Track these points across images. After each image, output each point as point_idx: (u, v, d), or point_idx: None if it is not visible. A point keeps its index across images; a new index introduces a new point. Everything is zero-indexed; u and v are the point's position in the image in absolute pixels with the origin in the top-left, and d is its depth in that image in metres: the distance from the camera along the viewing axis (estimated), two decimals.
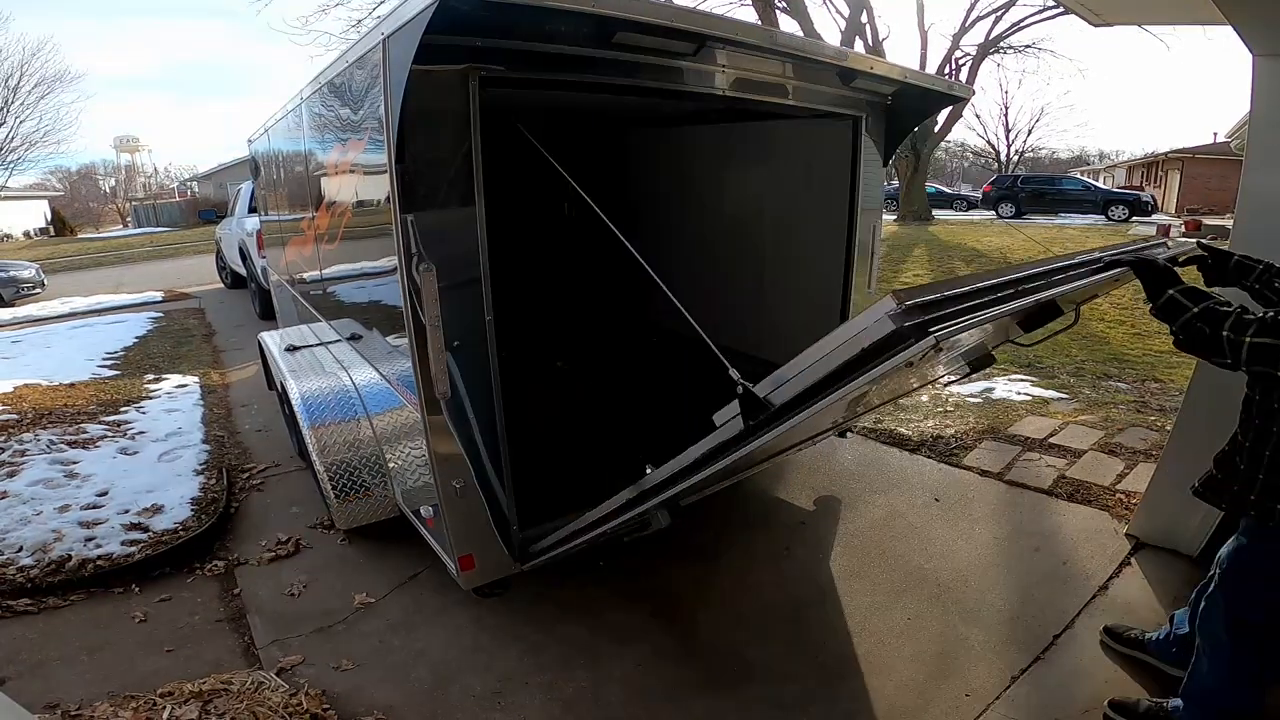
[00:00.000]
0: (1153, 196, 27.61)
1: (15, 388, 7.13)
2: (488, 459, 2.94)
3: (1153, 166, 37.25)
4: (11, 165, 36.16)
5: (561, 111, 5.24)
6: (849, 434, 5.18)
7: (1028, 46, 26.30)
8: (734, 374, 2.15)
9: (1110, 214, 24.96)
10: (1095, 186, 29.28)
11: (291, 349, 5.00)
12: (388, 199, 2.55)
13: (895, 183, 26.94)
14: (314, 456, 3.97)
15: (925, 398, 6.49)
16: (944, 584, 3.61)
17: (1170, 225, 18.57)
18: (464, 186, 2.63)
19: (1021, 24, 24.64)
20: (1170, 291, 2.11)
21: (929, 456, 5.07)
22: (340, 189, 3.75)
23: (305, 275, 5.36)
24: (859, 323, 1.73)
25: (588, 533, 2.78)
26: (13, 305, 14.16)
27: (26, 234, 40.09)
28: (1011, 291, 2.01)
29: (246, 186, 11.24)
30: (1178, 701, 2.54)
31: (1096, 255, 2.45)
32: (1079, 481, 4.59)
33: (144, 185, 60.18)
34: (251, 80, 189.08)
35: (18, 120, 34.94)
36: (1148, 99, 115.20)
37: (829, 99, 3.72)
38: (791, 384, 1.92)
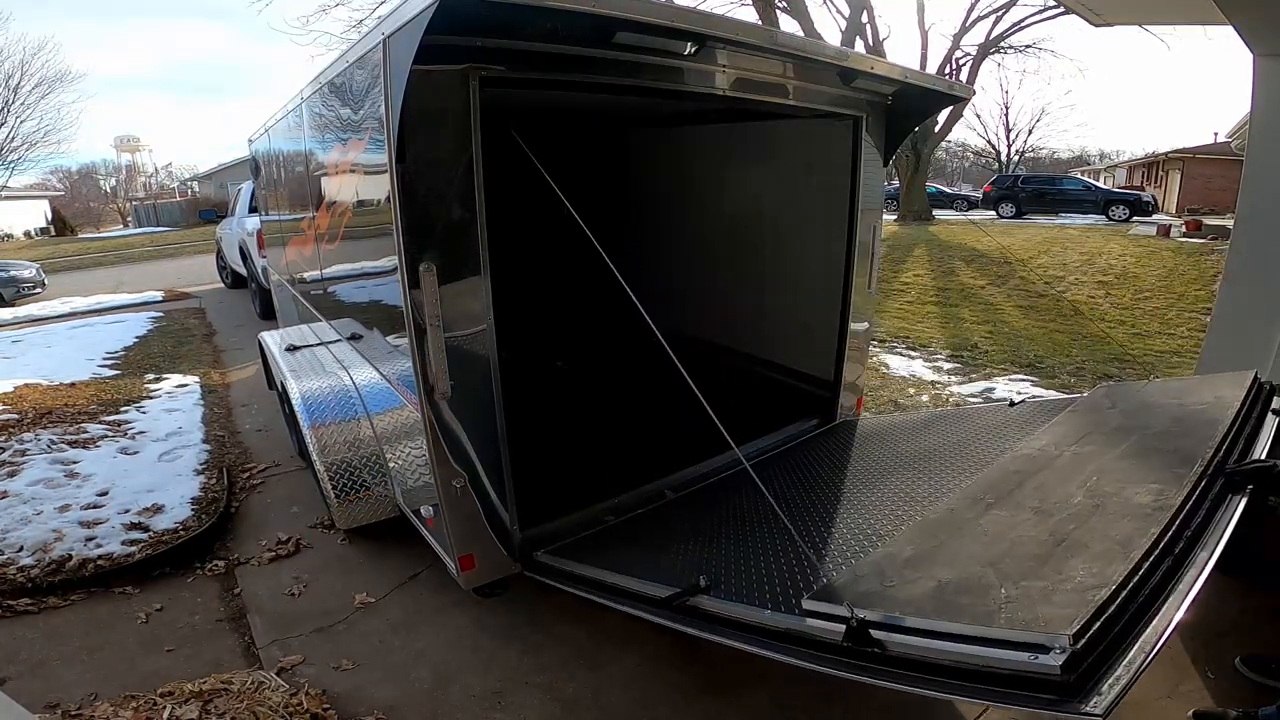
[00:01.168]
0: (1153, 196, 27.58)
1: (16, 387, 7.13)
2: (488, 459, 2.94)
3: (1153, 166, 37.19)
4: (12, 165, 36.09)
5: (562, 112, 5.24)
6: None
7: (1028, 46, 26.38)
8: (849, 610, 1.87)
9: (1111, 214, 24.94)
10: (1096, 186, 29.26)
11: (292, 349, 5.00)
12: (388, 199, 2.55)
13: (895, 183, 26.95)
14: (314, 456, 3.97)
15: (925, 397, 6.49)
16: None
17: (1171, 225, 18.55)
18: (465, 186, 2.63)
19: (1022, 24, 24.73)
20: None
21: None
22: (341, 189, 3.75)
23: (305, 275, 5.36)
24: (1015, 635, 1.54)
25: (612, 597, 2.70)
26: (13, 305, 14.15)
27: (27, 234, 40.10)
28: (1168, 566, 1.75)
29: (247, 186, 11.23)
30: (1270, 709, 2.52)
31: (1205, 471, 2.14)
32: None
33: (144, 185, 60.10)
34: (251, 80, 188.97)
35: (18, 120, 34.87)
36: (1148, 99, 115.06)
37: (829, 99, 3.72)
38: (913, 644, 1.75)
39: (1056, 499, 2.16)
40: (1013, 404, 3.73)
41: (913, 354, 8.32)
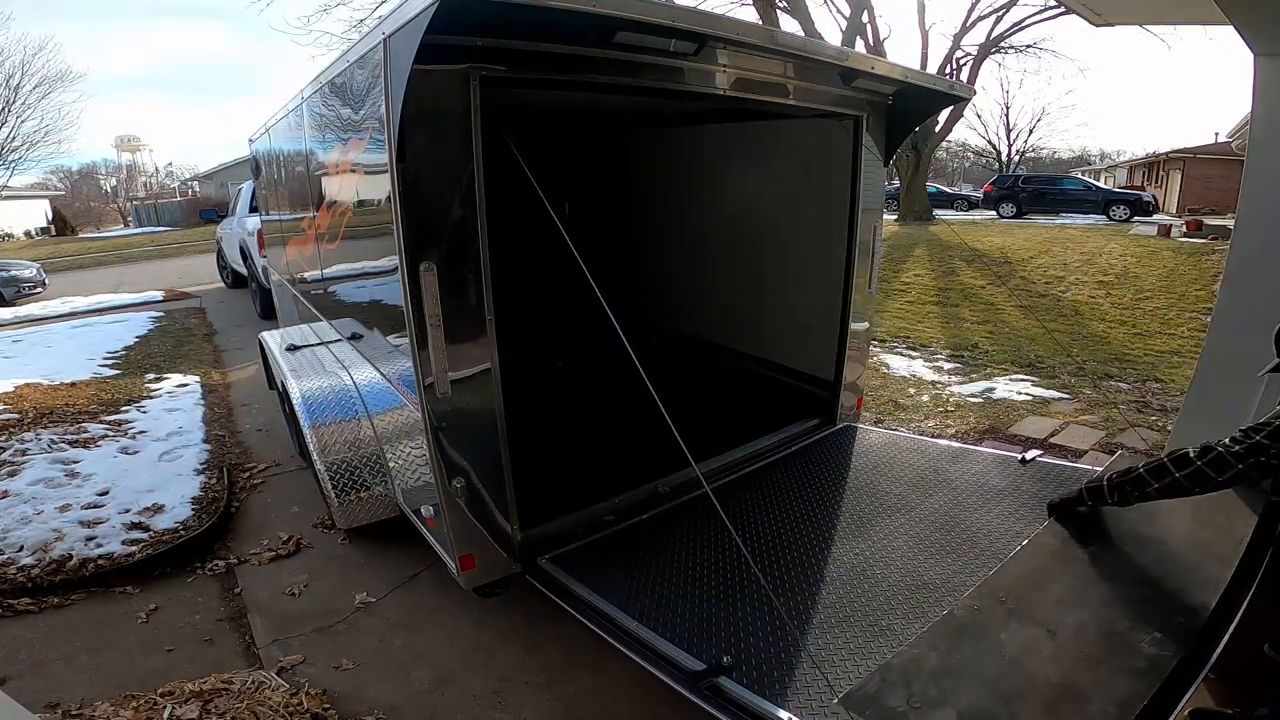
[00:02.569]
0: (1154, 196, 27.58)
1: (16, 387, 7.14)
2: (488, 459, 2.94)
3: (1154, 166, 37.20)
4: (13, 165, 36.11)
5: (563, 112, 5.24)
6: None
7: (1029, 46, 26.34)
8: None
9: (1111, 214, 24.95)
10: (1096, 186, 29.28)
11: (292, 348, 5.00)
12: (388, 198, 2.55)
13: (896, 182, 26.95)
14: (315, 456, 3.97)
15: (926, 397, 6.49)
16: None
17: (1171, 225, 18.55)
18: (465, 186, 2.64)
19: (1022, 24, 24.72)
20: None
21: None
22: (341, 188, 3.75)
23: (306, 275, 5.36)
24: None
25: (632, 645, 2.63)
26: (14, 305, 14.15)
27: (28, 233, 40.12)
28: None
29: (247, 186, 11.25)
30: (1264, 710, 2.52)
31: (1204, 629, 2.26)
32: None
33: (145, 185, 60.15)
34: (252, 80, 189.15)
35: (19, 120, 34.88)
36: (1149, 99, 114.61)
37: (830, 99, 3.72)
38: None
39: (1072, 624, 2.23)
40: (1024, 460, 3.66)
41: (913, 354, 8.32)
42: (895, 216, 23.78)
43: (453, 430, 2.81)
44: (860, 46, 19.76)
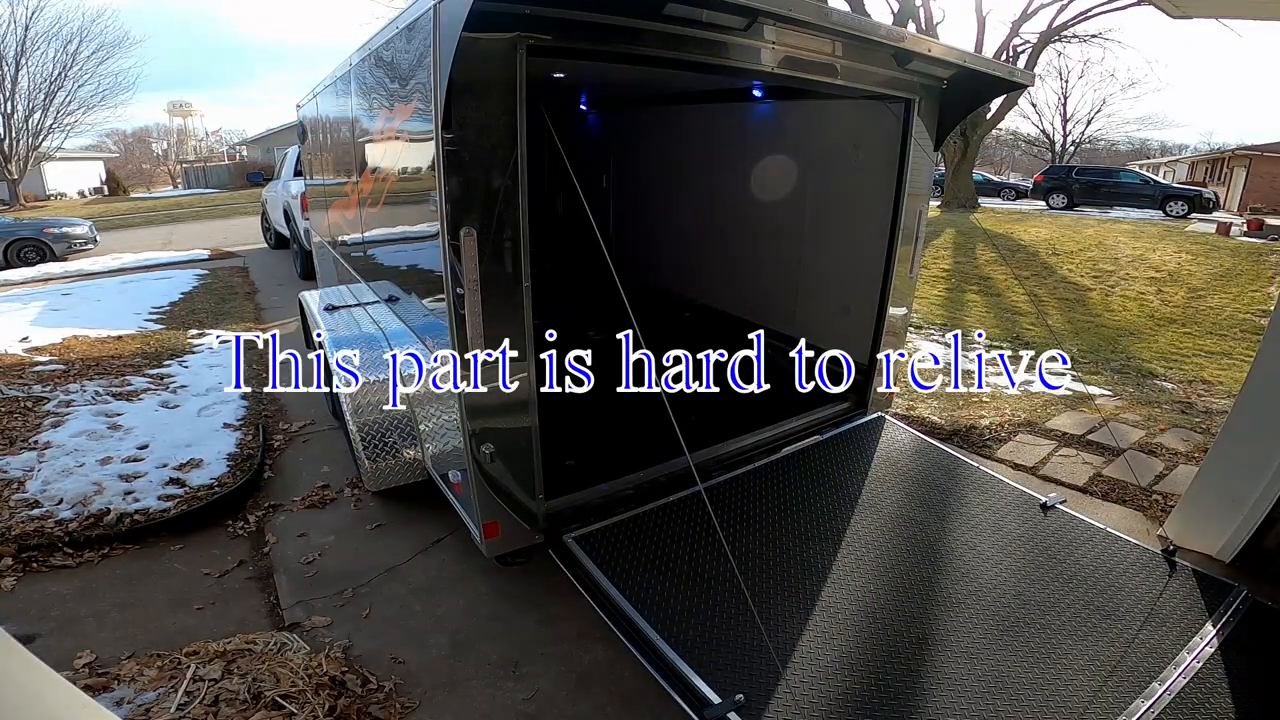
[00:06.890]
0: (1215, 193, 26.66)
1: (64, 338, 7.33)
2: (518, 426, 2.94)
3: (1218, 163, 35.96)
4: (69, 128, 36.97)
5: (608, 84, 5.19)
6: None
7: (1094, 36, 25.40)
8: None
9: (1168, 210, 24.20)
10: (1154, 181, 28.32)
11: (331, 309, 5.05)
12: (432, 165, 2.54)
13: (941, 168, 26.40)
14: (348, 417, 4.01)
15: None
16: None
17: (1231, 223, 17.96)
18: (507, 154, 2.62)
19: (1089, 13, 23.76)
20: None
21: (960, 447, 4.95)
22: (385, 154, 3.76)
23: (346, 238, 5.40)
24: None
25: (652, 658, 2.61)
26: (65, 260, 14.51)
27: (82, 193, 41.20)
28: None
29: (293, 151, 11.40)
30: None
31: None
32: (1115, 480, 4.47)
33: (195, 148, 61.13)
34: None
35: (75, 84, 35.65)
36: (1218, 92, 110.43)
37: (882, 80, 3.63)
38: None
39: None
40: (1045, 507, 3.57)
41: (949, 342, 8.17)
42: (938, 203, 23.31)
43: (484, 396, 2.81)
44: (912, 30, 19.30)
